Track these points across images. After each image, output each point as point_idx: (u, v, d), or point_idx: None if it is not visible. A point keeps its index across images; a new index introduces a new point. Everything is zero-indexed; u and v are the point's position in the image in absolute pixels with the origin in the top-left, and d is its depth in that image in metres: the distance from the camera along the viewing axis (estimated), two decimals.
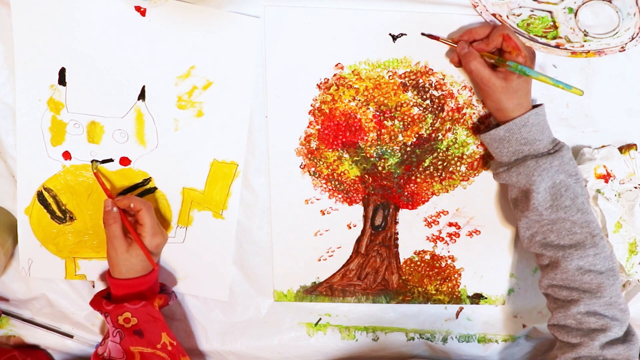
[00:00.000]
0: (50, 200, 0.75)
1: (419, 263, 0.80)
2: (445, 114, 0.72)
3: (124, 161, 0.73)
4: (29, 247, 0.77)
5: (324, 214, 0.77)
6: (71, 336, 0.83)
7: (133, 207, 0.69)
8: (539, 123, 0.65)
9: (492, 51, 0.65)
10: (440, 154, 0.74)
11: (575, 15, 0.66)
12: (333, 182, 0.76)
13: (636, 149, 0.74)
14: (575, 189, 0.65)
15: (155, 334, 0.70)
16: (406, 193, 0.76)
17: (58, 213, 0.75)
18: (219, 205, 0.75)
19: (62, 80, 0.70)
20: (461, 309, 0.83)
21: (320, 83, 0.71)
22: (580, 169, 0.71)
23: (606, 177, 0.72)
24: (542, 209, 0.65)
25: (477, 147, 0.74)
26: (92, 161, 0.72)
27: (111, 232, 0.68)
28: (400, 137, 0.73)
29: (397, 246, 0.79)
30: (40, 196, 0.75)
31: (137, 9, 0.67)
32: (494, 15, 0.67)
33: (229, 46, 0.68)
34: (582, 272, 0.64)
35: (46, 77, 0.70)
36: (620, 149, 0.74)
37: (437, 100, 0.72)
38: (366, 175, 0.75)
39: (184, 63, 0.69)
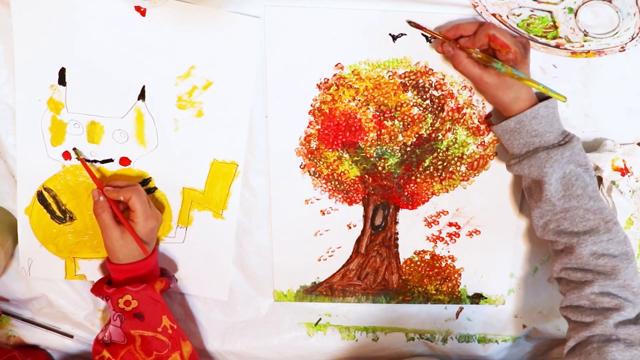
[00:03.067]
0: (50, 200, 0.75)
1: (419, 263, 0.80)
2: (445, 114, 0.72)
3: (124, 161, 0.73)
4: (29, 247, 0.77)
5: (324, 214, 0.77)
6: (71, 336, 0.82)
7: (123, 199, 0.69)
8: (548, 115, 0.65)
9: (482, 48, 0.64)
10: (440, 154, 0.74)
11: (575, 15, 0.66)
12: (333, 182, 0.75)
13: None
14: (584, 178, 0.66)
15: (156, 317, 0.70)
16: (406, 193, 0.76)
17: (58, 213, 0.75)
18: (219, 205, 0.75)
19: (62, 80, 0.70)
20: (461, 309, 0.83)
21: (320, 83, 0.71)
22: (598, 156, 0.72)
23: (623, 171, 0.72)
24: (555, 199, 0.66)
25: (477, 147, 0.74)
26: (73, 149, 0.72)
27: (102, 221, 0.68)
28: (400, 137, 0.73)
29: (397, 246, 0.79)
30: (40, 196, 0.74)
31: (137, 8, 0.66)
32: (494, 15, 0.67)
33: (228, 46, 0.68)
34: (596, 257, 0.65)
35: (46, 77, 0.70)
36: None
37: (437, 100, 0.72)
38: (366, 175, 0.75)
39: (184, 63, 0.69)
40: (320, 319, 0.83)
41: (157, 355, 0.69)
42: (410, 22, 0.67)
